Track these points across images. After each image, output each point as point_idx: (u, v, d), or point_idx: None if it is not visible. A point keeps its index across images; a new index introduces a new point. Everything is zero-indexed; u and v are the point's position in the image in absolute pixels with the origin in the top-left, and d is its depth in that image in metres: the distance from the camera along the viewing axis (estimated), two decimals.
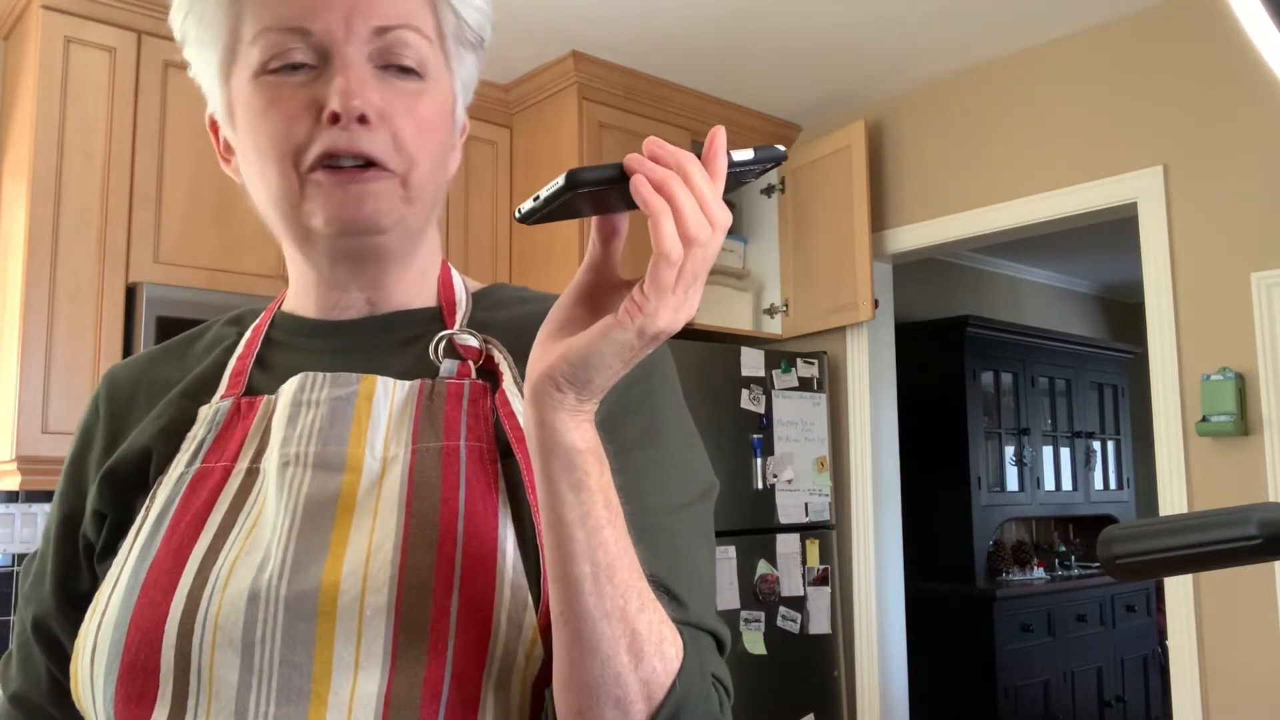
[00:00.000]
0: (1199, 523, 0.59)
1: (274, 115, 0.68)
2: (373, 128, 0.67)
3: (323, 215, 0.68)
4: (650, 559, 0.60)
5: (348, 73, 0.67)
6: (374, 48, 0.68)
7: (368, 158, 0.67)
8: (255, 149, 0.70)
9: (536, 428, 0.56)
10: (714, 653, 0.66)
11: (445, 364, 0.72)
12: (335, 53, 0.67)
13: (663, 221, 0.51)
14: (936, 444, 4.49)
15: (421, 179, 0.70)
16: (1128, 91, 2.76)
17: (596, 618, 0.56)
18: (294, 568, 0.62)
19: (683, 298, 0.53)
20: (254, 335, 0.78)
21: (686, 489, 0.70)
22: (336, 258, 0.73)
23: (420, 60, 0.70)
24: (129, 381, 0.79)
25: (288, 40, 0.67)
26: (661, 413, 0.72)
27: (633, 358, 0.55)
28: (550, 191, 0.52)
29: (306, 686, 0.60)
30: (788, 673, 3.00)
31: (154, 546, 0.66)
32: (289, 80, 0.68)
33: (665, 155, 0.53)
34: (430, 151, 0.71)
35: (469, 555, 0.62)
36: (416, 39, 0.69)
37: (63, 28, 2.35)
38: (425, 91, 0.70)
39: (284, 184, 0.69)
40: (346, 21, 0.67)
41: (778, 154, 0.57)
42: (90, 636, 0.65)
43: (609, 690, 0.57)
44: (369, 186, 0.68)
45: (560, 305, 0.58)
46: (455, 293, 0.78)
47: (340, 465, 0.67)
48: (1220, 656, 2.49)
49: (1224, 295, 2.55)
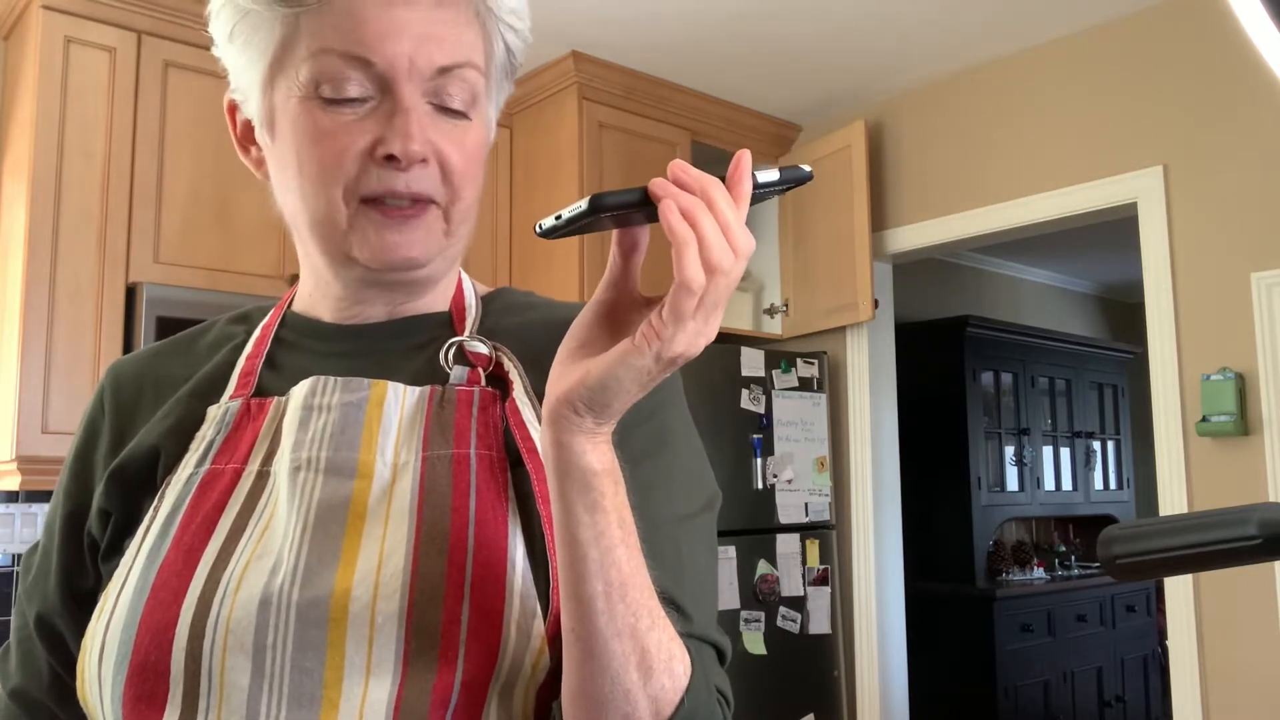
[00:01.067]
0: (1199, 523, 0.59)
1: (326, 146, 0.66)
2: (427, 165, 0.68)
3: (368, 251, 0.68)
4: (656, 570, 0.60)
5: (409, 116, 0.66)
6: (431, 85, 0.67)
7: (420, 195, 0.68)
8: (299, 172, 0.68)
9: (554, 449, 0.56)
10: (716, 664, 0.66)
11: (455, 370, 0.72)
12: (396, 89, 0.66)
13: (686, 251, 0.51)
14: (936, 444, 4.49)
15: (464, 211, 0.71)
16: (1128, 91, 2.76)
17: (608, 636, 0.56)
18: (306, 574, 0.62)
19: (702, 324, 0.53)
20: (263, 335, 0.77)
21: (692, 500, 0.71)
22: (370, 282, 0.73)
23: (470, 99, 0.69)
24: (134, 376, 0.79)
25: (347, 68, 0.65)
26: (669, 424, 0.73)
27: (650, 382, 0.54)
28: (572, 214, 0.52)
29: (318, 692, 0.60)
30: (788, 673, 3.00)
31: (164, 547, 0.66)
32: (343, 110, 0.66)
33: (690, 181, 0.52)
34: (473, 184, 0.71)
35: (479, 564, 0.62)
36: (474, 75, 0.69)
37: (63, 28, 2.35)
38: (471, 128, 0.70)
39: (330, 212, 0.68)
40: (412, 57, 0.65)
41: (803, 174, 0.56)
42: (99, 636, 0.64)
43: (618, 706, 0.57)
44: (416, 226, 0.68)
45: (580, 323, 0.58)
46: (466, 298, 0.78)
47: (352, 471, 0.67)
48: (1220, 656, 2.49)
49: (1224, 295, 2.55)
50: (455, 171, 0.69)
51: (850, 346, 3.35)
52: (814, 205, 3.34)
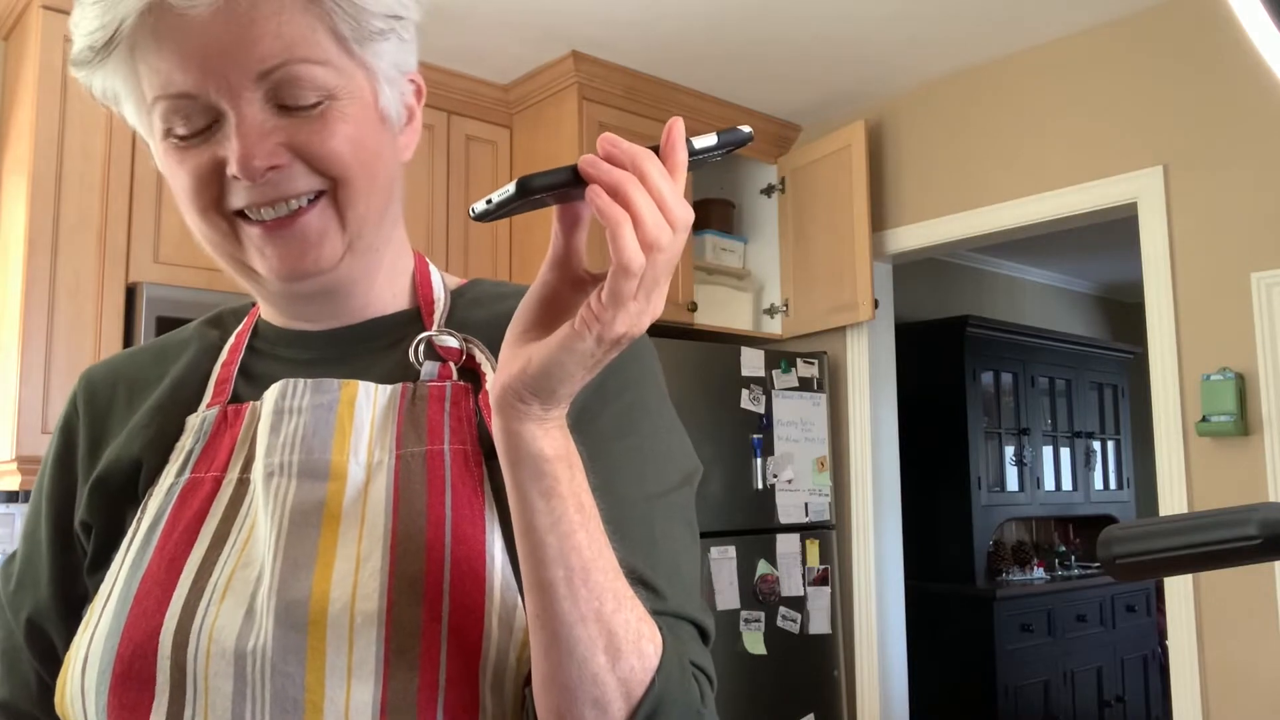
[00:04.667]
0: (1199, 523, 0.59)
1: (184, 173, 0.66)
2: (285, 167, 0.64)
3: (264, 267, 0.67)
4: (627, 550, 0.60)
5: (241, 129, 0.63)
6: (265, 89, 0.64)
7: (292, 196, 0.65)
8: (182, 206, 0.68)
9: (504, 437, 0.56)
10: (696, 641, 0.66)
11: (426, 366, 0.71)
12: (226, 110, 0.64)
13: (621, 231, 0.49)
14: (936, 444, 4.49)
15: (355, 194, 0.67)
16: (1128, 91, 2.76)
17: (572, 621, 0.56)
18: (283, 578, 0.62)
19: (644, 304, 0.52)
20: (237, 342, 0.77)
21: (664, 477, 0.70)
22: (291, 298, 0.72)
23: (320, 87, 0.65)
24: (107, 381, 0.78)
25: (179, 105, 0.64)
26: (639, 403, 0.71)
27: (596, 364, 0.53)
28: (502, 197, 0.51)
29: (300, 696, 0.60)
30: (788, 673, 3.00)
31: (146, 557, 0.66)
32: (192, 142, 0.65)
33: (620, 155, 0.51)
34: (358, 161, 0.67)
35: (457, 560, 0.62)
36: (306, 70, 0.64)
37: (63, 28, 2.35)
38: (333, 108, 0.66)
39: (214, 233, 0.67)
40: (226, 77, 0.63)
41: (742, 135, 0.54)
42: (82, 649, 0.64)
43: (587, 690, 0.57)
44: (303, 229, 0.66)
45: (524, 307, 0.56)
46: (434, 291, 0.76)
47: (325, 473, 0.66)
48: (1220, 656, 2.49)
49: (1224, 295, 2.55)
50: (326, 159, 0.65)
51: (850, 346, 3.35)
52: (814, 205, 3.34)
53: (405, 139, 0.73)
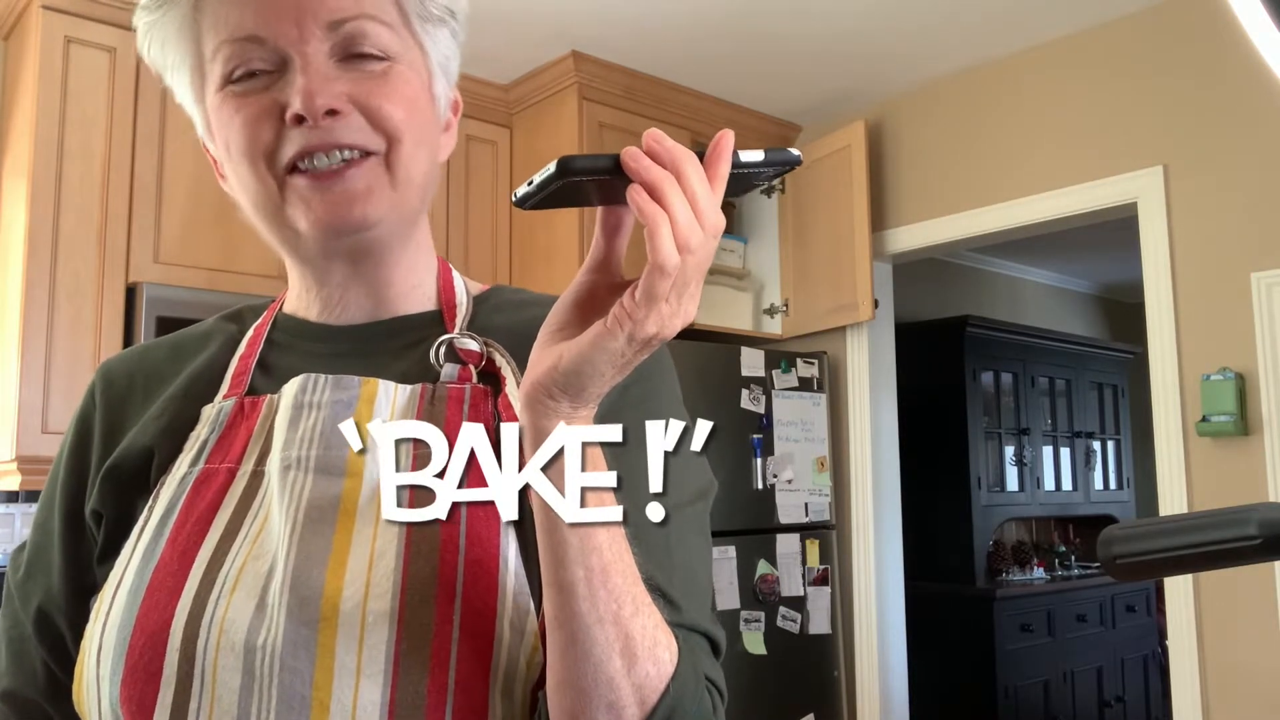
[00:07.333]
0: (1199, 523, 0.59)
1: (240, 120, 0.67)
2: (344, 116, 0.66)
3: (307, 220, 0.68)
4: (644, 560, 0.60)
5: (308, 72, 0.66)
6: (332, 43, 0.67)
7: (346, 146, 0.67)
8: (230, 159, 0.69)
9: (531, 434, 0.56)
10: (708, 655, 0.66)
11: (446, 368, 0.71)
12: (293, 55, 0.66)
13: (659, 230, 0.50)
14: (936, 444, 4.49)
15: (405, 157, 0.69)
16: (1128, 91, 2.76)
17: (590, 622, 0.56)
18: (296, 573, 0.62)
19: (676, 305, 0.52)
20: (256, 335, 0.77)
21: (683, 489, 0.70)
22: (329, 255, 0.72)
23: (383, 46, 0.68)
24: (124, 373, 0.78)
25: (246, 50, 0.67)
26: (660, 412, 0.71)
27: (626, 364, 0.54)
28: (542, 177, 0.51)
29: (308, 693, 0.59)
30: (788, 673, 3.00)
31: (159, 548, 0.66)
32: (252, 86, 0.67)
33: (662, 153, 0.51)
34: (413, 125, 0.69)
35: (471, 562, 0.62)
36: (375, 27, 0.68)
37: (63, 28, 2.35)
38: (394, 69, 0.69)
39: (261, 187, 0.68)
40: (298, 23, 0.66)
41: (791, 158, 0.54)
42: (95, 639, 0.64)
43: (602, 694, 0.57)
44: (352, 182, 0.67)
45: (560, 306, 0.57)
46: (456, 295, 0.77)
47: (342, 470, 0.66)
48: (1220, 656, 2.49)
49: (1224, 295, 2.55)
50: (383, 115, 0.68)
51: (850, 346, 3.35)
52: (814, 205, 3.34)
53: (444, 139, 0.76)
